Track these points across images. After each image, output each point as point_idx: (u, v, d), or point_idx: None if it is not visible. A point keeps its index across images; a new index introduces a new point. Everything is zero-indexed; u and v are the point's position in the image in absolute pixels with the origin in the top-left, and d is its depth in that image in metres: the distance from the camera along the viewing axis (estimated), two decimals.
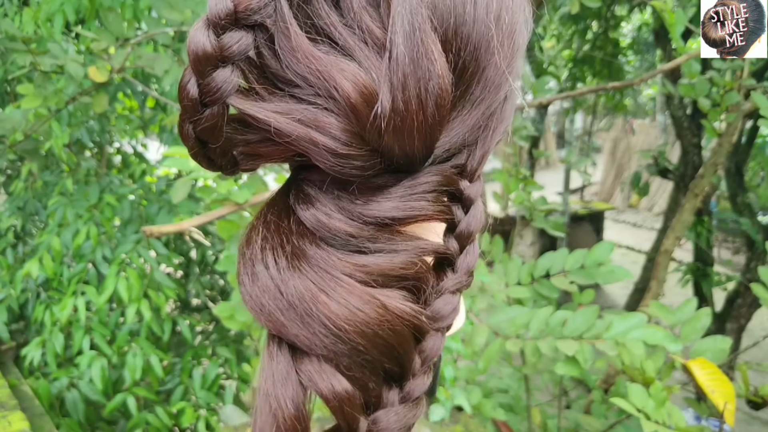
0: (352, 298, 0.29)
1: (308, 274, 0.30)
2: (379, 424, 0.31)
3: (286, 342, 0.30)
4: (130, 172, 2.56)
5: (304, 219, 0.31)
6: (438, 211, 0.32)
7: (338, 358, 0.29)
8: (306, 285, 0.29)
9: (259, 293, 0.30)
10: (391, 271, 0.31)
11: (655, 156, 3.26)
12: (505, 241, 1.64)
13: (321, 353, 0.29)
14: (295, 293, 0.29)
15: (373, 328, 0.29)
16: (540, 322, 1.26)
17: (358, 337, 0.29)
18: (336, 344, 0.29)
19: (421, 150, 0.30)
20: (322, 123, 0.28)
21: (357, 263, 0.30)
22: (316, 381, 0.29)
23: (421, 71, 0.28)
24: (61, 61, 1.51)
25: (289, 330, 0.30)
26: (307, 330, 0.29)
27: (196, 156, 0.31)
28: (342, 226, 0.31)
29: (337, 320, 0.29)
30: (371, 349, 0.30)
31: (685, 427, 1.11)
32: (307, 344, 0.29)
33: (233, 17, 0.27)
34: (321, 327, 0.29)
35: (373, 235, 0.31)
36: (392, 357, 0.31)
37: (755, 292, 1.36)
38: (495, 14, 0.31)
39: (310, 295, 0.29)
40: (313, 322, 0.29)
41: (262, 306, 0.30)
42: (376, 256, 0.31)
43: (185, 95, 0.28)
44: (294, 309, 0.29)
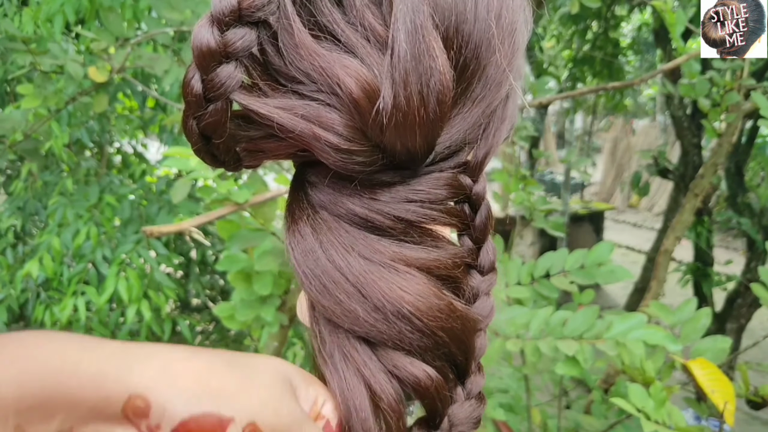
0: (429, 293, 0.30)
1: (371, 265, 0.30)
2: (456, 416, 0.32)
3: (357, 336, 0.31)
4: (130, 172, 2.56)
5: (331, 210, 0.32)
6: (451, 220, 0.33)
7: (424, 352, 0.30)
8: (377, 277, 0.30)
9: (324, 281, 0.31)
10: (438, 269, 0.32)
11: (655, 156, 3.26)
12: (505, 241, 1.64)
13: (406, 349, 0.30)
14: (368, 285, 0.30)
15: (451, 323, 0.31)
16: (540, 322, 1.26)
17: (440, 332, 0.30)
18: (422, 339, 0.30)
19: (422, 146, 0.30)
20: (324, 119, 0.29)
21: (409, 255, 0.31)
22: (408, 368, 0.30)
23: (422, 68, 0.28)
24: (61, 61, 1.51)
25: (366, 322, 0.30)
26: (390, 326, 0.30)
27: (200, 152, 0.31)
28: (374, 215, 0.31)
29: (422, 316, 0.30)
30: (450, 344, 0.31)
31: (685, 427, 1.11)
32: (390, 338, 0.30)
33: (237, 14, 0.27)
34: (406, 324, 0.30)
35: (406, 229, 0.32)
36: (464, 351, 0.32)
37: (755, 292, 1.36)
38: (496, 13, 0.31)
39: (388, 290, 0.30)
40: (397, 319, 0.30)
41: (329, 295, 0.31)
42: (422, 249, 0.32)
43: (189, 91, 0.28)
44: (370, 302, 0.30)
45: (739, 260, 3.58)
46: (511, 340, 1.29)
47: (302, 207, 0.33)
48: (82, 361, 0.26)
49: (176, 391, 0.27)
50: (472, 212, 0.34)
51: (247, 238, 1.23)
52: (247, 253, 1.25)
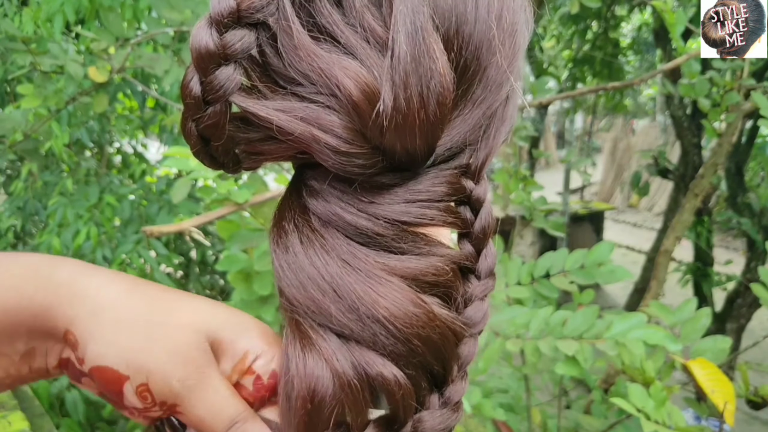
0: (405, 301, 0.30)
1: (351, 270, 0.30)
2: (424, 423, 0.31)
3: (332, 330, 0.30)
4: (130, 172, 2.56)
5: (321, 215, 0.32)
6: (450, 221, 0.33)
7: (397, 358, 0.30)
8: (354, 280, 0.30)
9: (300, 278, 0.31)
10: (424, 277, 0.31)
11: (655, 156, 3.26)
12: (505, 241, 1.64)
13: (380, 351, 0.30)
14: (344, 287, 0.30)
15: (428, 332, 0.30)
16: (540, 322, 1.26)
17: (415, 339, 0.30)
18: (396, 345, 0.30)
19: (422, 148, 0.30)
20: (324, 121, 0.28)
21: (393, 265, 0.31)
22: (378, 367, 0.30)
23: (422, 69, 0.28)
24: (61, 61, 1.51)
25: (339, 320, 0.30)
26: (364, 328, 0.30)
27: (199, 154, 0.31)
28: (365, 222, 0.31)
29: (396, 322, 0.29)
30: (425, 352, 0.31)
31: (685, 427, 1.11)
32: (363, 339, 0.30)
33: (236, 15, 0.27)
34: (380, 328, 0.30)
35: (398, 235, 0.31)
36: (440, 360, 0.31)
37: (755, 292, 1.36)
38: (496, 14, 0.31)
39: (363, 293, 0.30)
40: (371, 322, 0.30)
41: (304, 291, 0.30)
42: (408, 258, 0.31)
43: (188, 93, 0.28)
44: (344, 302, 0.30)
45: (739, 260, 3.58)
46: (511, 340, 1.29)
47: (292, 207, 0.33)
48: (37, 294, 0.32)
49: (95, 338, 0.32)
50: (473, 215, 0.34)
51: (247, 238, 1.23)
52: (247, 253, 1.25)
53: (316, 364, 0.29)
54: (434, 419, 0.32)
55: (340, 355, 0.30)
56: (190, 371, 0.32)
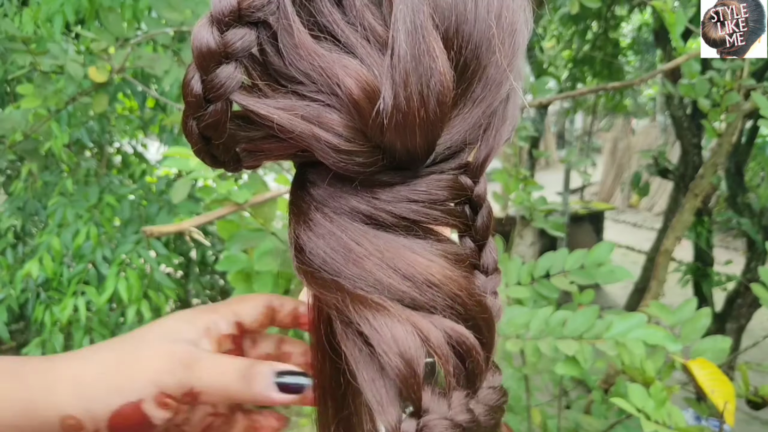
0: (449, 267, 0.30)
1: (389, 245, 0.30)
2: (489, 382, 0.32)
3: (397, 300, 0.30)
4: (130, 172, 2.56)
5: (335, 209, 0.32)
6: (452, 221, 0.33)
7: (457, 319, 0.30)
8: (398, 253, 0.30)
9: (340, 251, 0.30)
10: (451, 257, 0.31)
11: (655, 156, 3.26)
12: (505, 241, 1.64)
13: (444, 313, 0.29)
14: (393, 260, 0.30)
15: (473, 299, 0.30)
16: (540, 322, 1.26)
17: (467, 301, 0.30)
18: (453, 306, 0.29)
19: (422, 147, 0.30)
20: (324, 119, 0.29)
21: (420, 246, 0.31)
22: (451, 325, 0.29)
23: (422, 68, 0.28)
24: (61, 62, 1.51)
25: (399, 290, 0.29)
26: (422, 293, 0.29)
27: (200, 153, 0.31)
28: (379, 213, 0.31)
29: (450, 284, 0.29)
30: (476, 316, 0.30)
31: (685, 427, 1.11)
32: (422, 304, 0.29)
33: (237, 14, 0.27)
34: (437, 292, 0.29)
35: (410, 227, 0.31)
36: (488, 329, 0.31)
37: (755, 292, 1.36)
38: (496, 13, 0.31)
39: (412, 261, 0.29)
40: (428, 288, 0.29)
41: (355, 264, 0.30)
42: (431, 243, 0.31)
43: (189, 91, 0.28)
44: (399, 273, 0.29)
45: (739, 260, 3.58)
46: (511, 340, 1.29)
47: (307, 201, 0.32)
48: (12, 391, 0.33)
49: (93, 397, 0.33)
50: (473, 213, 0.34)
51: (247, 238, 1.23)
52: (247, 253, 1.25)
53: (406, 333, 0.28)
54: (495, 380, 0.32)
55: (424, 322, 0.29)
56: (181, 358, 0.35)
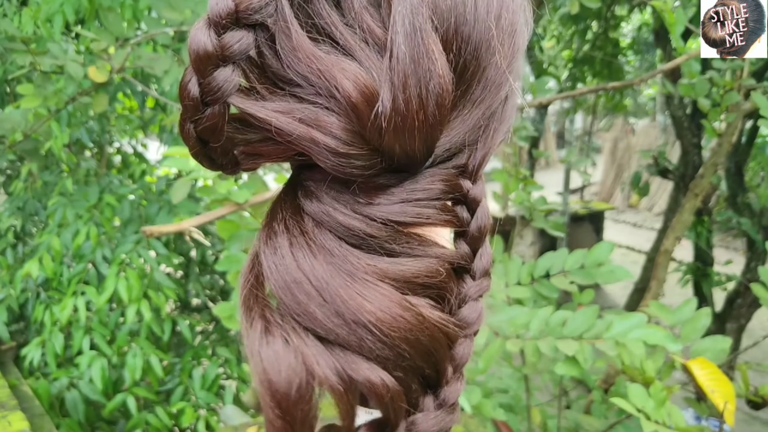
0: (392, 305, 0.29)
1: (338, 273, 0.29)
2: (418, 426, 0.31)
3: (316, 334, 0.29)
4: (130, 172, 2.56)
5: (315, 215, 0.31)
6: (446, 220, 0.32)
7: (384, 362, 0.29)
8: (340, 284, 0.29)
9: (286, 279, 0.30)
10: (416, 279, 0.31)
11: (655, 156, 3.26)
12: (505, 241, 1.64)
13: (366, 356, 0.29)
14: (330, 290, 0.29)
15: (416, 335, 0.29)
16: (540, 322, 1.26)
17: (403, 344, 0.29)
18: (383, 350, 0.29)
19: (421, 149, 0.30)
20: (322, 122, 0.28)
21: (383, 268, 0.30)
22: (364, 371, 0.29)
23: (421, 71, 0.28)
24: (61, 61, 1.51)
25: (323, 324, 0.29)
26: (350, 332, 0.29)
27: (197, 155, 0.31)
28: (357, 224, 0.30)
29: (383, 327, 0.29)
30: (414, 356, 0.30)
31: (685, 427, 1.11)
32: (348, 343, 0.29)
33: (234, 17, 0.27)
34: (366, 332, 0.29)
35: (391, 236, 0.31)
36: (431, 363, 0.31)
37: (755, 292, 1.36)
38: (495, 14, 0.31)
39: (348, 297, 0.29)
40: (357, 327, 0.29)
41: (290, 294, 0.29)
42: (399, 260, 0.31)
43: (186, 94, 0.28)
44: (330, 307, 0.29)
45: (739, 260, 3.58)
46: (511, 340, 1.29)
47: (284, 207, 0.32)
48: None
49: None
50: (469, 215, 0.34)
51: (247, 238, 1.23)
52: (247, 253, 1.25)
53: (295, 367, 0.28)
54: (428, 421, 0.31)
55: (322, 359, 0.28)
56: None
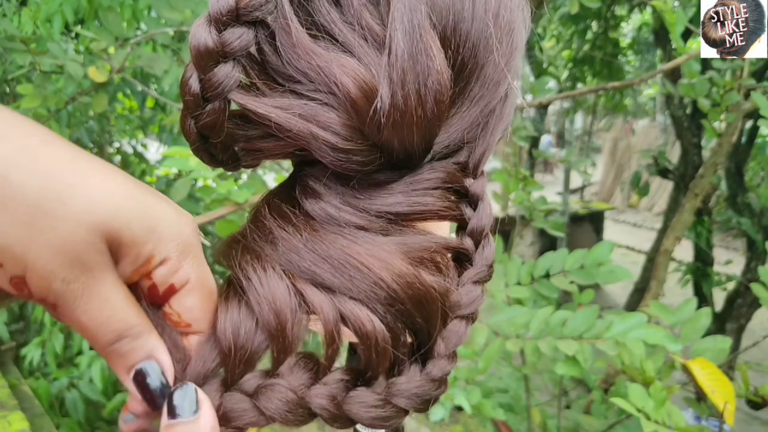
0: (390, 258, 0.29)
1: (341, 237, 0.29)
2: (398, 386, 0.30)
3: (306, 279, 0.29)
4: (129, 171, 2.56)
5: (311, 211, 0.31)
6: (446, 208, 0.32)
7: (374, 303, 0.29)
8: (344, 243, 0.29)
9: (283, 247, 0.30)
10: (419, 252, 0.30)
11: (655, 156, 3.26)
12: (505, 241, 1.64)
13: (357, 297, 0.29)
14: (331, 249, 0.29)
15: (412, 289, 0.29)
16: (540, 322, 1.26)
17: (395, 285, 0.29)
18: (372, 289, 0.29)
19: (420, 145, 0.30)
20: (322, 118, 0.29)
21: (386, 240, 0.30)
22: (353, 309, 0.29)
23: (420, 67, 0.28)
24: (61, 61, 1.51)
25: (317, 273, 0.29)
26: (341, 275, 0.29)
27: (198, 151, 0.31)
28: (352, 218, 0.30)
29: (374, 268, 0.28)
30: (406, 301, 0.29)
31: (685, 427, 1.11)
32: (339, 285, 0.29)
33: (234, 13, 0.27)
34: (356, 272, 0.29)
35: (384, 228, 0.31)
36: (424, 317, 0.30)
37: (755, 292, 1.36)
38: (493, 12, 0.31)
39: (346, 247, 0.29)
40: (350, 268, 0.29)
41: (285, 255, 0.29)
42: (402, 237, 0.31)
43: (187, 90, 0.28)
44: (327, 261, 0.29)
45: (739, 260, 3.58)
46: (511, 340, 1.29)
47: (279, 199, 0.32)
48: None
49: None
50: (471, 210, 0.34)
51: None
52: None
53: (282, 291, 0.28)
54: (410, 385, 0.30)
55: (314, 294, 0.28)
56: (77, 274, 0.26)
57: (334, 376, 0.29)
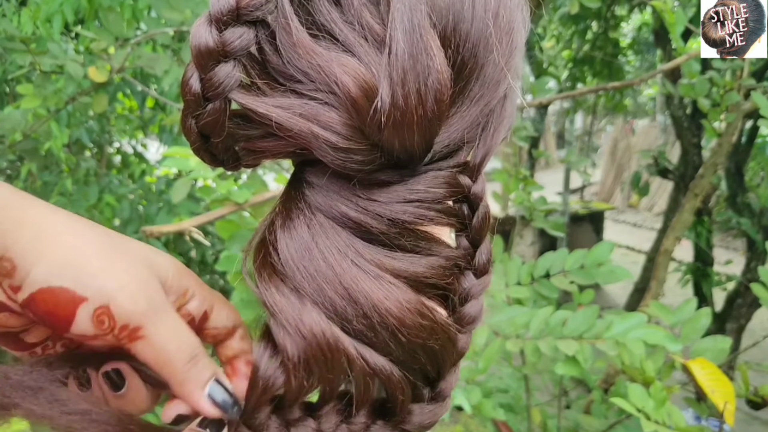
0: (411, 308, 0.30)
1: (355, 265, 0.30)
2: (413, 415, 0.33)
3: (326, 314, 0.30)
4: (129, 172, 2.56)
5: (322, 209, 0.32)
6: (446, 214, 0.33)
7: (399, 362, 0.31)
8: (358, 274, 0.30)
9: (303, 254, 0.30)
10: (427, 279, 0.32)
11: (655, 156, 3.26)
12: (505, 241, 1.64)
13: (383, 353, 0.31)
14: (347, 277, 0.30)
15: (431, 343, 0.31)
16: (540, 322, 1.26)
17: (419, 350, 0.31)
18: (399, 350, 0.31)
19: (420, 144, 0.30)
20: (322, 117, 0.29)
21: (397, 266, 0.31)
22: (377, 359, 0.30)
23: (420, 66, 0.28)
24: (61, 61, 1.51)
25: (336, 308, 0.30)
26: (366, 325, 0.30)
27: (199, 151, 0.31)
28: (364, 218, 0.31)
29: (404, 332, 0.30)
30: (426, 362, 0.32)
31: (685, 427, 1.11)
32: (368, 341, 0.30)
33: (235, 13, 0.27)
34: (385, 331, 0.30)
35: (400, 233, 0.31)
36: (436, 366, 0.33)
37: (755, 292, 1.36)
38: (493, 12, 0.31)
39: (369, 289, 0.30)
40: (374, 322, 0.30)
41: (305, 266, 0.30)
42: (412, 258, 0.32)
43: (188, 90, 0.28)
44: (346, 293, 0.30)
45: (739, 260, 3.58)
46: (511, 340, 1.29)
47: (299, 206, 0.32)
48: None
49: (43, 260, 0.29)
50: (470, 212, 0.34)
51: (247, 238, 1.23)
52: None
53: (314, 322, 0.29)
54: (423, 412, 0.33)
55: (341, 336, 0.30)
56: (154, 293, 0.31)
57: (359, 419, 0.32)
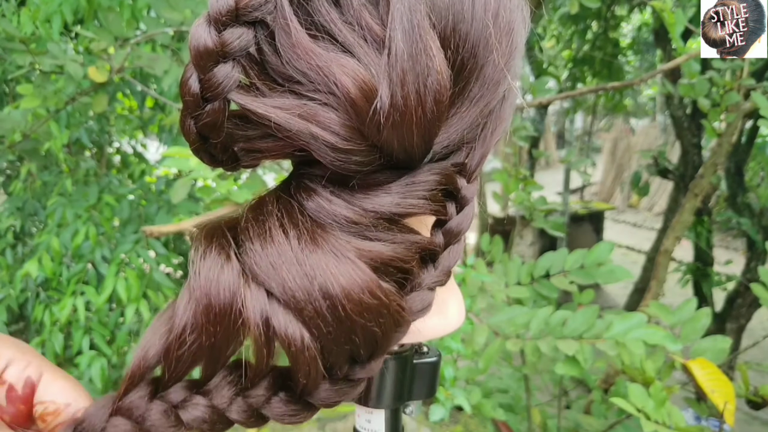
0: (364, 287, 0.29)
1: (320, 247, 0.29)
2: (319, 390, 0.31)
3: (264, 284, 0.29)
4: (129, 172, 2.56)
5: (306, 209, 0.31)
6: (434, 208, 0.32)
7: (325, 336, 0.29)
8: (320, 256, 0.29)
9: (276, 259, 0.29)
10: (391, 262, 0.30)
11: (655, 156, 3.26)
12: (505, 241, 1.64)
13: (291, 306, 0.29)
14: (307, 258, 0.29)
15: (372, 322, 0.29)
16: (540, 322, 1.26)
17: (356, 328, 0.29)
18: (330, 326, 0.29)
19: (419, 145, 0.30)
20: (321, 118, 0.29)
21: (362, 246, 0.30)
22: (290, 327, 0.28)
23: (419, 67, 0.28)
24: (61, 62, 1.51)
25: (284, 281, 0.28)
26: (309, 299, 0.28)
27: (198, 151, 0.31)
28: (343, 211, 0.30)
29: (346, 305, 0.28)
30: (360, 345, 0.30)
31: (685, 427, 1.11)
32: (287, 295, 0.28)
33: (234, 14, 0.27)
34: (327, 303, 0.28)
35: (373, 223, 0.31)
36: (369, 351, 0.31)
37: (755, 292, 1.36)
38: (493, 12, 0.31)
39: (325, 265, 0.29)
40: (320, 296, 0.28)
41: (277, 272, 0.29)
42: (377, 243, 0.31)
43: (187, 90, 0.28)
44: (301, 269, 0.29)
45: (739, 260, 3.57)
46: (511, 340, 1.29)
47: (280, 201, 0.32)
48: None
49: None
50: (455, 211, 0.33)
51: None
52: None
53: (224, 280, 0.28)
54: (331, 389, 0.31)
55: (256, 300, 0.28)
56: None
57: (257, 391, 0.30)
